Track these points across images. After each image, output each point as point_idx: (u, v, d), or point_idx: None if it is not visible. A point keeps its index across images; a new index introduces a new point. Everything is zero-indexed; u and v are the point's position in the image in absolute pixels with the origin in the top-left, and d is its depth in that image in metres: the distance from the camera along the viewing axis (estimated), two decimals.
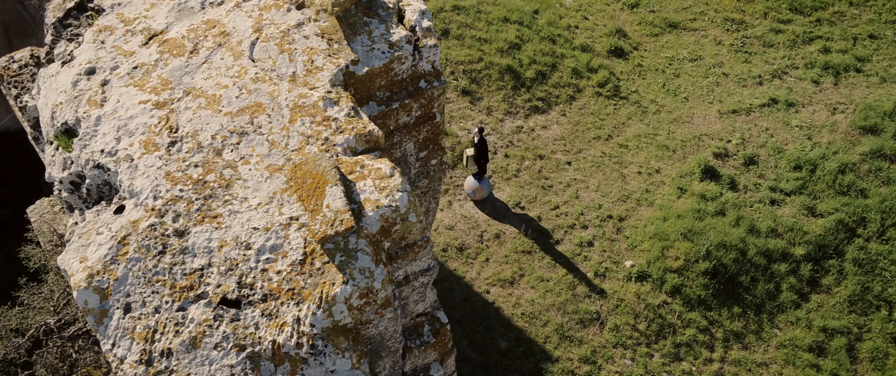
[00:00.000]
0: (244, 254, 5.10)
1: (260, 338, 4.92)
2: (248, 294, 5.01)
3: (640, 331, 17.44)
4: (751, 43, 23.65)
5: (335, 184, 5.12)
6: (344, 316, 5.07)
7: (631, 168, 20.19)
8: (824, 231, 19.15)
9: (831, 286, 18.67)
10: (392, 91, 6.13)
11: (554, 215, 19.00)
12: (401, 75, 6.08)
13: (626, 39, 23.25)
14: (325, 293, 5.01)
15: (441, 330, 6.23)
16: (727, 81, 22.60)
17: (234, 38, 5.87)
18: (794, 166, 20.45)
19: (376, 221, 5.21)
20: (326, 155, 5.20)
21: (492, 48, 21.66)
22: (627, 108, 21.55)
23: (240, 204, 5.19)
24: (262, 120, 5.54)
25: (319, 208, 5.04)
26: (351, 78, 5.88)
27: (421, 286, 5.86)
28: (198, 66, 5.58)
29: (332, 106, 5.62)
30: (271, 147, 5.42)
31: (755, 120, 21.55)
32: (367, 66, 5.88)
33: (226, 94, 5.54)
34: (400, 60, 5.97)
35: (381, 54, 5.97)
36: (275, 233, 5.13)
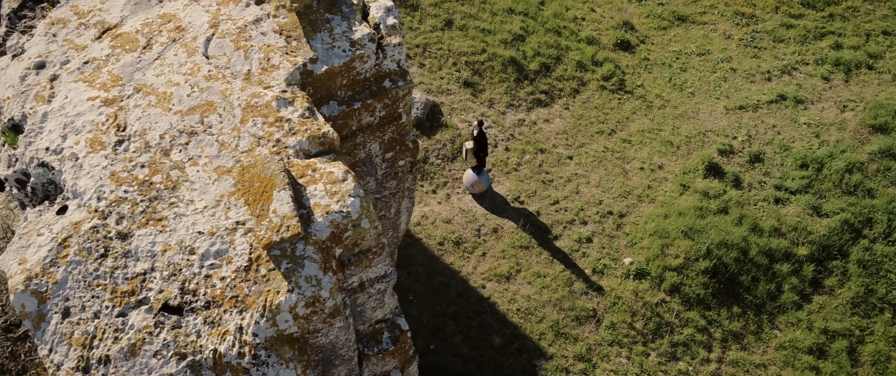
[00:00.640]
0: (188, 259, 4.94)
1: (201, 347, 4.77)
2: (190, 300, 4.86)
3: (636, 330, 17.21)
4: (760, 38, 23.25)
5: (283, 189, 4.95)
6: (289, 326, 4.90)
7: (633, 163, 19.92)
8: (829, 231, 18.82)
9: (834, 287, 18.35)
10: (354, 90, 5.94)
11: (553, 210, 18.77)
12: (364, 74, 5.88)
13: (633, 32, 22.91)
14: (269, 301, 4.84)
15: (401, 337, 6.05)
16: (735, 77, 22.23)
17: (189, 33, 5.69)
18: (801, 164, 20.11)
19: (326, 227, 5.03)
20: (276, 157, 5.02)
21: (496, 39, 21.39)
22: (632, 103, 21.24)
23: (186, 207, 5.03)
24: (212, 120, 5.36)
25: (266, 213, 4.87)
26: (309, 77, 5.68)
27: (378, 293, 5.69)
28: (150, 63, 5.42)
29: (286, 106, 5.44)
30: (221, 148, 5.25)
31: (762, 116, 21.19)
32: (327, 65, 5.69)
33: (177, 92, 5.37)
34: (362, 59, 5.77)
35: (342, 52, 5.77)
36: (220, 237, 4.97)
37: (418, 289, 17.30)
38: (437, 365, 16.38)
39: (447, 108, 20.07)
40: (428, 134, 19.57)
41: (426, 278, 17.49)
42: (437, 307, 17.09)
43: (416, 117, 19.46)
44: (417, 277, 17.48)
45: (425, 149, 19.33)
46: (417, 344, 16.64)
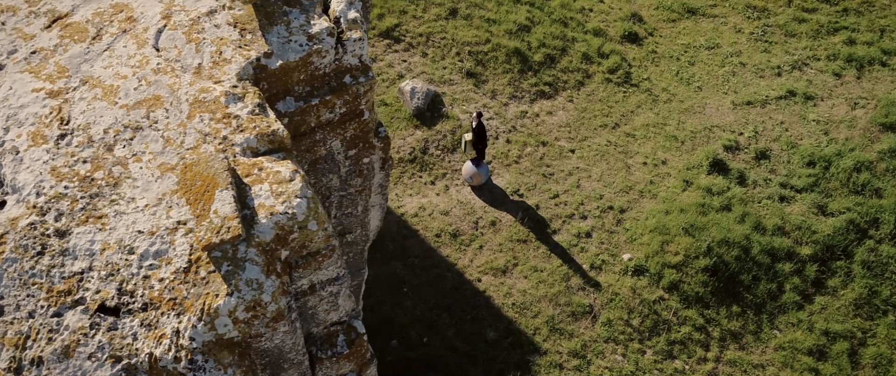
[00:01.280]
0: (127, 259, 4.81)
1: (137, 350, 4.65)
2: (127, 302, 4.73)
3: (633, 327, 17.01)
4: (772, 32, 22.84)
5: (226, 188, 4.79)
6: (229, 330, 4.76)
7: (636, 158, 19.64)
8: (834, 231, 18.49)
9: (837, 288, 18.05)
10: (313, 86, 5.77)
11: (553, 204, 18.56)
12: (322, 69, 5.70)
13: (641, 24, 22.57)
14: (207, 305, 4.70)
15: (357, 340, 5.90)
16: (744, 71, 21.86)
17: (140, 24, 5.54)
18: (808, 162, 19.76)
19: (270, 229, 4.88)
20: (220, 156, 4.86)
21: (500, 29, 21.14)
22: (637, 96, 20.94)
23: (127, 204, 4.89)
24: (159, 114, 5.21)
25: (206, 213, 4.72)
26: (263, 71, 5.52)
27: (329, 295, 5.54)
28: (98, 54, 5.28)
29: (235, 102, 5.27)
30: (166, 144, 5.10)
31: (770, 112, 20.83)
32: (282, 60, 5.51)
33: (124, 86, 5.22)
34: (320, 54, 5.60)
35: (299, 47, 5.59)
36: (160, 237, 4.83)
37: (413, 281, 17.17)
38: (430, 357, 16.26)
39: (449, 99, 19.86)
40: (428, 124, 19.39)
41: (422, 270, 17.36)
42: (432, 299, 16.96)
43: (416, 107, 19.28)
44: (413, 269, 17.35)
45: (425, 140, 19.15)
46: (410, 337, 16.53)
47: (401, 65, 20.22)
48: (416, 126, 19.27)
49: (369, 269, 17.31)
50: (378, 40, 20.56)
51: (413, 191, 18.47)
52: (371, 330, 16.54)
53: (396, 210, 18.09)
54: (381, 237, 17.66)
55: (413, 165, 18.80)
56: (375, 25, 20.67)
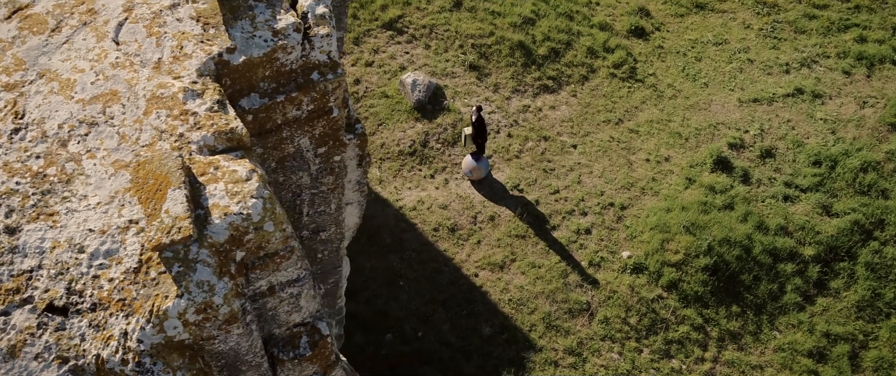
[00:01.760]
0: (77, 258, 4.72)
1: (84, 351, 4.56)
2: (76, 302, 4.64)
3: (630, 325, 16.85)
4: (781, 28, 22.52)
5: (178, 188, 4.69)
6: (179, 332, 4.67)
7: (639, 154, 19.43)
8: (838, 231, 18.24)
9: (840, 290, 17.81)
10: (279, 82, 5.65)
11: (553, 200, 18.39)
12: (288, 66, 5.58)
13: (648, 19, 22.31)
14: (156, 306, 4.61)
15: (320, 342, 5.79)
16: (752, 68, 21.57)
17: (101, 16, 5.44)
18: (814, 161, 19.48)
19: (224, 230, 4.77)
20: (175, 153, 4.75)
21: (505, 22, 20.94)
22: (642, 92, 20.71)
23: (79, 202, 4.81)
24: (115, 110, 5.11)
25: (158, 213, 4.62)
26: (225, 67, 5.40)
27: (290, 297, 5.43)
28: (57, 47, 5.18)
29: (194, 98, 5.16)
30: (121, 141, 5.00)
31: (777, 110, 20.55)
32: (245, 55, 5.40)
33: (81, 80, 5.13)
34: (285, 50, 5.47)
35: (263, 42, 5.47)
36: (111, 236, 4.74)
37: (410, 275, 17.07)
38: (425, 352, 16.18)
39: (451, 92, 19.70)
40: (429, 117, 19.24)
41: (419, 264, 17.26)
42: (428, 294, 16.86)
43: (417, 100, 19.14)
44: (410, 263, 17.25)
45: (425, 133, 19.02)
46: (405, 331, 16.44)
47: (403, 57, 20.07)
48: (417, 119, 19.13)
49: (366, 262, 17.24)
50: (381, 32, 20.42)
51: (412, 184, 18.35)
52: (366, 323, 16.47)
53: (395, 203, 17.99)
54: (379, 230, 17.58)
55: (413, 158, 18.68)
56: (378, 16, 20.53)
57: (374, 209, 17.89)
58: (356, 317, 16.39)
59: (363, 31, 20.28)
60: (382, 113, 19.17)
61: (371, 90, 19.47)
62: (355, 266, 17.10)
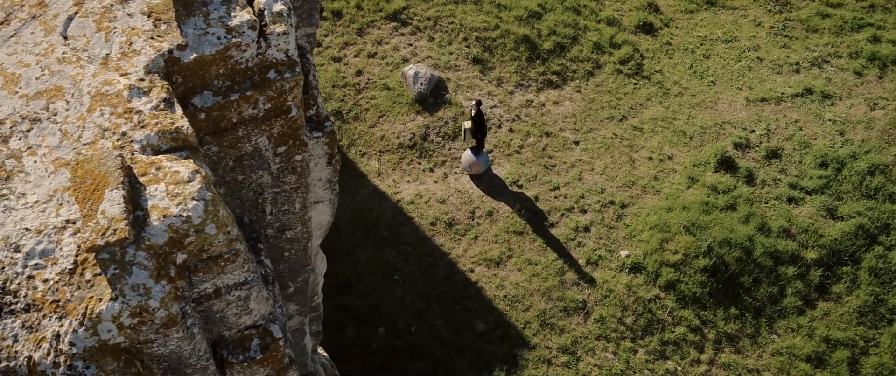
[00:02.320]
0: (12, 257, 4.66)
1: (16, 353, 4.51)
2: (10, 302, 4.58)
3: (626, 325, 16.69)
4: (793, 26, 22.15)
5: (116, 188, 4.61)
6: (113, 336, 4.60)
7: (642, 152, 19.20)
8: (842, 235, 17.95)
9: (842, 294, 17.55)
10: (234, 80, 5.55)
11: (552, 196, 18.22)
12: (244, 64, 5.48)
13: (657, 14, 22.01)
14: (90, 309, 4.54)
15: (272, 345, 5.72)
16: (761, 67, 21.24)
17: (51, 9, 5.37)
18: (820, 163, 19.17)
19: (163, 232, 4.69)
20: (115, 153, 4.67)
21: (510, 15, 20.73)
22: (648, 89, 20.45)
23: (17, 200, 4.75)
24: (59, 106, 5.04)
25: (94, 213, 4.54)
26: (175, 64, 5.31)
27: (237, 300, 5.35)
28: (5, 40, 5.12)
29: (139, 96, 5.08)
30: (63, 138, 4.93)
31: (785, 110, 20.23)
32: (196, 53, 5.30)
33: (26, 75, 5.06)
34: (239, 47, 5.38)
35: (216, 40, 5.37)
36: (48, 236, 4.67)
37: (405, 269, 16.99)
38: (417, 347, 16.11)
39: (453, 85, 19.55)
40: (430, 110, 19.11)
41: (415, 258, 17.17)
42: (423, 288, 16.77)
43: (419, 92, 19.01)
44: (406, 257, 17.17)
45: (426, 126, 18.89)
46: (398, 325, 16.37)
47: (406, 48, 19.94)
48: (418, 111, 19.00)
49: (361, 255, 17.18)
50: (385, 23, 20.29)
51: (411, 177, 18.25)
52: (359, 316, 16.43)
53: (392, 196, 17.90)
54: (376, 223, 17.50)
55: (412, 151, 18.56)
56: (383, 7, 20.40)
57: (371, 202, 17.82)
58: (349, 310, 16.35)
59: (367, 22, 20.16)
60: (383, 105, 19.05)
61: (373, 82, 19.36)
62: (350, 259, 17.05)
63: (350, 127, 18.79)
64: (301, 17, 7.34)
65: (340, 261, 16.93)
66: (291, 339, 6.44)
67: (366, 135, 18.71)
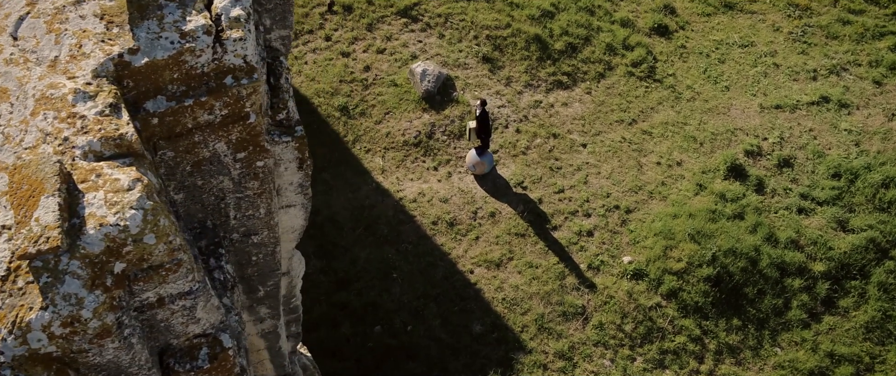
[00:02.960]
0: None
1: None
2: None
3: (625, 332, 16.49)
4: (812, 32, 21.72)
5: (52, 195, 4.54)
6: (43, 345, 4.55)
7: (650, 157, 18.93)
8: (852, 248, 17.60)
9: (849, 309, 17.21)
10: (189, 85, 5.46)
11: (557, 199, 18.02)
12: (199, 69, 5.39)
13: (673, 17, 21.68)
14: (20, 318, 4.48)
15: (221, 354, 5.64)
16: (777, 73, 20.86)
17: (3, 9, 5.32)
18: (833, 174, 18.81)
19: (99, 241, 4.62)
20: (54, 158, 4.60)
21: (522, 14, 20.51)
22: (659, 92, 20.15)
23: None
24: (2, 109, 4.98)
25: (27, 220, 4.48)
26: (126, 68, 5.23)
27: (182, 309, 5.28)
28: None
29: (84, 101, 5.00)
30: (5, 141, 4.87)
31: (800, 118, 19.86)
32: (148, 57, 5.22)
33: None
34: (193, 53, 5.28)
35: (169, 44, 5.28)
36: None
37: (404, 268, 16.90)
38: (412, 346, 16.02)
39: (461, 83, 19.39)
40: (437, 108, 18.97)
41: (414, 257, 17.07)
42: (421, 288, 16.67)
43: (426, 90, 18.87)
44: (405, 255, 17.07)
45: (432, 124, 18.75)
46: (394, 324, 16.28)
47: (416, 45, 19.79)
48: (425, 109, 18.87)
49: (361, 252, 17.11)
50: (395, 18, 20.16)
51: (415, 175, 18.13)
52: (355, 314, 16.36)
53: (395, 194, 17.80)
54: (377, 220, 17.41)
55: (417, 149, 18.44)
56: (393, 3, 20.26)
57: (373, 198, 17.73)
58: (346, 307, 16.29)
59: (377, 18, 20.04)
60: (390, 101, 18.94)
61: (380, 78, 19.26)
62: (350, 256, 16.99)
63: (356, 123, 18.71)
64: (275, 20, 7.25)
65: (340, 258, 16.88)
66: (246, 347, 6.35)
67: (371, 131, 18.62)
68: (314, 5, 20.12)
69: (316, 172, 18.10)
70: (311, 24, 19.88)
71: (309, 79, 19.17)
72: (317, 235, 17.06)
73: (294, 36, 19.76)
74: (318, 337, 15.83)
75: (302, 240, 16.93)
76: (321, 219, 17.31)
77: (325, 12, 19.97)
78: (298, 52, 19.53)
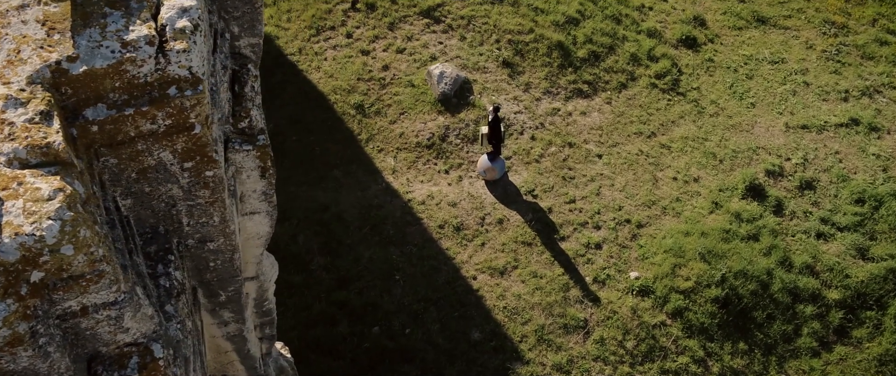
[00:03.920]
0: None
1: None
2: None
3: (626, 349, 16.24)
4: (847, 51, 21.13)
5: None
6: None
7: (667, 172, 18.60)
8: (870, 277, 17.11)
9: (863, 340, 16.74)
10: (131, 94, 5.46)
11: (567, 209, 17.80)
12: (142, 79, 5.38)
13: (703, 29, 21.25)
14: None
15: (151, 364, 5.64)
16: (807, 92, 20.33)
17: None
18: (857, 199, 18.29)
19: (15, 250, 4.64)
20: None
21: (547, 20, 20.28)
22: (682, 106, 19.78)
23: None
24: None
25: None
26: (63, 76, 5.24)
27: (108, 319, 5.28)
28: None
29: (15, 107, 5.02)
30: None
31: (826, 140, 19.34)
32: (87, 65, 5.22)
33: None
34: (134, 62, 5.27)
35: (110, 53, 5.27)
36: None
37: (407, 270, 16.85)
38: (409, 349, 15.98)
39: (479, 87, 19.25)
40: (453, 111, 18.86)
41: (418, 260, 17.01)
42: (423, 291, 16.61)
43: (442, 92, 18.77)
44: (409, 257, 17.02)
45: (446, 127, 18.65)
46: (393, 326, 16.25)
47: (436, 46, 19.69)
48: (440, 111, 18.77)
49: (365, 252, 17.09)
50: (417, 19, 20.07)
51: (425, 177, 18.05)
52: (354, 313, 16.35)
53: (404, 195, 17.75)
54: (383, 221, 17.38)
55: (430, 151, 18.36)
56: (417, 3, 20.18)
57: (382, 198, 17.70)
58: (345, 306, 16.30)
59: (400, 17, 19.97)
60: (406, 102, 18.88)
61: (398, 78, 19.20)
62: (354, 254, 16.98)
63: (370, 122, 18.68)
64: (243, 28, 7.23)
65: (344, 256, 16.88)
66: (188, 356, 6.34)
67: (385, 131, 18.58)
68: (338, 2, 20.13)
69: (328, 169, 18.14)
70: (333, 21, 19.89)
71: (327, 75, 19.20)
72: (322, 232, 17.09)
73: (316, 32, 19.80)
74: (315, 335, 15.86)
75: (306, 234, 17.02)
76: (328, 216, 17.33)
77: (348, 9, 19.97)
78: (319, 48, 19.56)
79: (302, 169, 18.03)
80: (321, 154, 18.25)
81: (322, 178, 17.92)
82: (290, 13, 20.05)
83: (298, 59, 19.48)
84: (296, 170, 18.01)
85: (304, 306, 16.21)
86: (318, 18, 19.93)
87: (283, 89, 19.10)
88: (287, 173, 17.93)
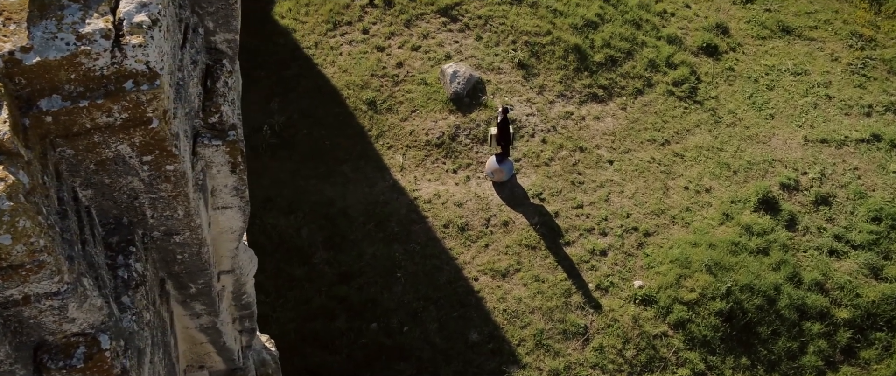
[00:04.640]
0: None
1: None
2: None
3: (625, 358, 16.07)
4: (874, 65, 20.68)
5: None
6: None
7: (678, 181, 18.36)
8: (881, 298, 16.76)
9: (871, 361, 16.40)
10: (86, 87, 5.50)
11: (574, 214, 17.66)
12: (98, 71, 5.43)
13: (724, 37, 20.93)
14: None
15: (97, 355, 5.68)
16: (828, 105, 19.93)
17: None
18: (874, 217, 17.90)
19: None
20: None
21: (565, 22, 20.11)
22: (698, 115, 19.50)
23: None
24: None
25: None
26: (16, 66, 5.30)
27: (51, 308, 5.33)
28: None
29: None
30: None
31: (846, 155, 18.95)
32: (40, 56, 5.27)
33: None
34: (89, 55, 5.31)
35: (65, 45, 5.32)
36: None
37: (409, 268, 16.84)
38: (406, 348, 15.97)
39: (492, 87, 19.15)
40: (464, 111, 18.79)
41: (421, 258, 16.99)
42: (423, 290, 16.59)
43: (455, 91, 18.71)
44: (412, 255, 17.01)
45: (456, 126, 18.59)
46: (391, 323, 16.25)
47: (451, 45, 19.63)
48: (451, 110, 18.72)
49: (368, 248, 17.11)
50: (434, 17, 20.03)
51: (433, 176, 18.02)
52: (354, 309, 16.38)
53: (411, 193, 17.73)
54: (388, 218, 17.38)
55: (439, 150, 18.32)
56: (435, 1, 20.13)
57: (388, 195, 17.70)
58: (344, 301, 16.33)
59: (417, 14, 19.95)
60: (418, 100, 18.86)
61: (411, 75, 19.18)
62: (356, 250, 17.01)
63: (381, 118, 18.69)
64: (218, 23, 7.25)
65: (347, 251, 16.92)
66: (140, 347, 6.38)
67: (395, 128, 18.57)
68: None
69: (337, 164, 18.19)
70: (350, 16, 19.92)
71: (342, 70, 19.24)
72: (327, 226, 17.14)
73: (333, 26, 19.85)
74: (313, 328, 15.92)
75: (311, 228, 17.07)
76: (334, 210, 17.38)
77: (366, 5, 19.98)
78: (335, 43, 19.60)
79: (311, 163, 18.10)
80: (331, 148, 18.29)
81: (330, 173, 17.97)
82: (309, 7, 20.12)
83: (314, 53, 19.54)
84: (305, 163, 18.09)
85: (303, 299, 16.28)
86: (336, 13, 19.97)
87: (298, 83, 19.17)
88: (296, 166, 18.01)
